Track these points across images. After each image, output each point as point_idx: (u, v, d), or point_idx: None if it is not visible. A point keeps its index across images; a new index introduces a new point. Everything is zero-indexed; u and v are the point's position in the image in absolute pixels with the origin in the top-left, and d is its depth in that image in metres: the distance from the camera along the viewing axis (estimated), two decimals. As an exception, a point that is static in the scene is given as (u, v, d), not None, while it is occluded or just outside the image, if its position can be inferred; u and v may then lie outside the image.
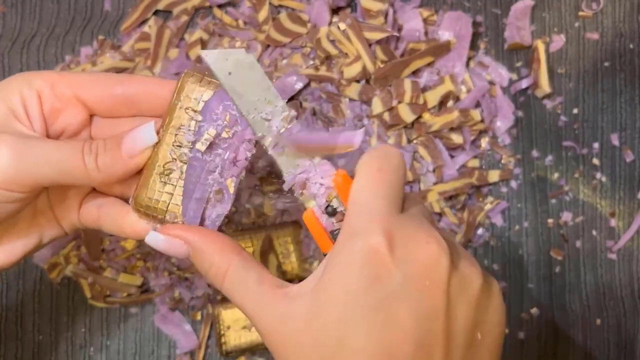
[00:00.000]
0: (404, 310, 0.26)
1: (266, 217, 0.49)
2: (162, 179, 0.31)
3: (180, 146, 0.31)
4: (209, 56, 0.30)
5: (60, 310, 0.49)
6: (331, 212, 0.30)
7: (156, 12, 0.52)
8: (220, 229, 0.32)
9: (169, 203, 0.31)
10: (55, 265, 0.49)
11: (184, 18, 0.51)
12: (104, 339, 0.49)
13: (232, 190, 0.32)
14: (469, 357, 0.27)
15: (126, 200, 0.33)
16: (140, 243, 0.49)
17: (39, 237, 0.34)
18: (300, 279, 0.49)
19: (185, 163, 0.31)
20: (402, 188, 0.29)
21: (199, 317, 0.49)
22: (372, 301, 0.26)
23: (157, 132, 0.31)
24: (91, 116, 0.33)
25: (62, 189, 0.33)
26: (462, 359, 0.27)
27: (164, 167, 0.31)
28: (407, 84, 0.49)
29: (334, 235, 0.30)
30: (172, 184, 0.31)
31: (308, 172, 0.31)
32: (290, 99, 0.50)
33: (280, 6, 0.52)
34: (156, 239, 0.30)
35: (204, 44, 0.51)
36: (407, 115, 0.48)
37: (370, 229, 0.27)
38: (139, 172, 0.31)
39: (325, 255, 0.30)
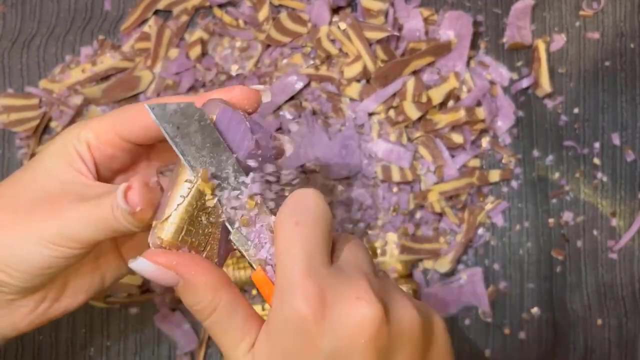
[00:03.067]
0: None
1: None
2: (206, 217, 0.29)
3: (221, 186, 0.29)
4: (155, 110, 0.28)
5: (61, 311, 0.49)
6: None
7: (156, 12, 0.52)
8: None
9: (208, 240, 0.29)
10: (55, 266, 0.49)
11: (184, 18, 0.51)
12: (104, 339, 0.49)
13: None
14: None
15: None
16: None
17: (102, 280, 0.34)
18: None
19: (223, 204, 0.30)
20: (326, 236, 0.28)
21: (199, 317, 0.49)
22: None
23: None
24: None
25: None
26: None
27: (205, 204, 0.29)
28: (410, 82, 0.48)
29: None
30: (213, 222, 0.29)
31: (258, 232, 0.29)
32: (291, 99, 0.50)
33: (281, 6, 0.52)
34: (145, 267, 0.28)
35: (204, 44, 0.51)
36: (412, 112, 0.48)
37: (292, 296, 0.26)
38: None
39: None
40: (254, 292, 0.49)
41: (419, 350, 0.27)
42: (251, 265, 0.29)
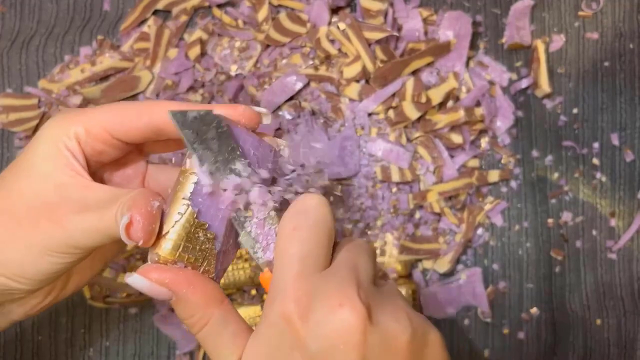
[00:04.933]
0: None
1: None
2: (203, 233, 0.29)
3: None
4: (177, 116, 0.29)
5: (60, 311, 0.49)
6: None
7: (155, 12, 0.52)
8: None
9: (205, 255, 0.29)
10: (54, 266, 0.49)
11: (183, 18, 0.51)
12: (104, 339, 0.49)
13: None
14: None
15: None
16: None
17: (104, 260, 0.35)
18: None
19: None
20: (324, 241, 0.28)
21: (198, 318, 0.49)
22: None
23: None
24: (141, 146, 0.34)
25: None
26: None
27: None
28: (409, 82, 0.48)
29: None
30: (210, 238, 0.29)
31: (266, 235, 0.30)
32: (290, 99, 0.50)
33: (280, 6, 0.51)
34: (140, 284, 0.28)
35: (203, 44, 0.51)
36: (412, 113, 0.48)
37: (282, 296, 0.27)
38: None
39: None
40: (253, 292, 0.49)
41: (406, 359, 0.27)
42: (259, 267, 0.30)
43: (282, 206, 0.31)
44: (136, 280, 0.28)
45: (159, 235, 0.29)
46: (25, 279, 0.30)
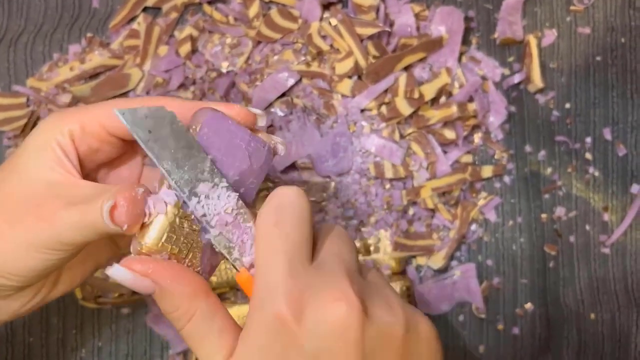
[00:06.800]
0: None
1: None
2: (188, 225, 0.28)
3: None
4: (126, 115, 0.27)
5: (51, 312, 0.49)
6: None
7: (145, 9, 0.51)
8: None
9: (190, 247, 0.29)
10: (45, 266, 0.48)
11: (174, 15, 0.51)
12: (96, 340, 0.49)
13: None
14: None
15: None
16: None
17: (96, 262, 0.35)
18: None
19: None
20: (306, 234, 0.28)
21: (191, 317, 0.49)
22: None
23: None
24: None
25: None
26: None
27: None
28: (402, 78, 0.48)
29: None
30: (195, 230, 0.29)
31: (240, 234, 0.29)
32: (282, 96, 0.50)
33: (271, 2, 0.51)
34: (122, 275, 0.27)
35: (194, 41, 0.50)
36: (405, 108, 0.48)
37: (273, 297, 0.26)
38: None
39: None
40: (247, 290, 0.49)
41: (399, 353, 0.27)
42: (234, 267, 0.29)
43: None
44: (118, 271, 0.27)
45: (143, 224, 0.28)
46: (13, 275, 0.29)
